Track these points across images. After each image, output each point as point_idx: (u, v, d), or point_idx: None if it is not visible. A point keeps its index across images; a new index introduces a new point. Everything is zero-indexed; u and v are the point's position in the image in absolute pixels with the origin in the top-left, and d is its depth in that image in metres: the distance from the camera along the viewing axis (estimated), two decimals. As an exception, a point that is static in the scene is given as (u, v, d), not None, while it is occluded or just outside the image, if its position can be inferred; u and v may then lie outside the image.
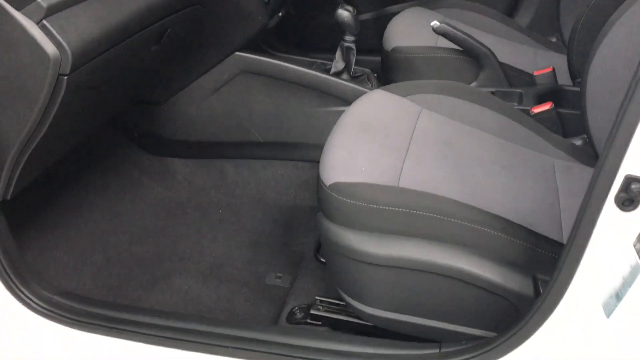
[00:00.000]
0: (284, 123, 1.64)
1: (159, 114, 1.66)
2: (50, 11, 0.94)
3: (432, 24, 1.58)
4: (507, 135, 1.34)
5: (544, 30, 2.09)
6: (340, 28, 1.65)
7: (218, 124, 1.66)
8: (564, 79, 1.66)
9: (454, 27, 1.58)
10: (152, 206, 1.66)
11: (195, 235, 1.60)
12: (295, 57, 1.86)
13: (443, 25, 1.56)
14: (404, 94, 1.39)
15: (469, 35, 1.58)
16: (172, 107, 1.64)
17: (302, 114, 1.62)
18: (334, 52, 1.72)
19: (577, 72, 1.61)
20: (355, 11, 1.60)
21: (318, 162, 1.18)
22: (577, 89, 1.60)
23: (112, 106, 1.39)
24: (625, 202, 0.76)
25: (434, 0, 2.23)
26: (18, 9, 0.92)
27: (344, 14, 1.58)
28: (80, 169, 1.62)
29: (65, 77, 0.98)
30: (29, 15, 0.92)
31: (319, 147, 1.49)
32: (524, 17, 2.20)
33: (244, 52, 1.58)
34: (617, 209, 0.76)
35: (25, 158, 1.05)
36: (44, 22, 0.93)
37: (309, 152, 1.66)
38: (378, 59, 1.90)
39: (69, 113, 1.07)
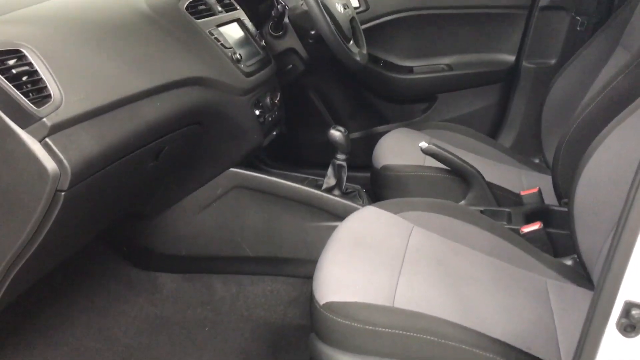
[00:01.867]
0: (275, 238, 1.64)
1: (149, 228, 1.65)
2: (54, 129, 0.96)
3: (420, 144, 1.63)
4: (498, 254, 1.35)
5: (526, 151, 2.17)
6: (330, 145, 1.71)
7: (208, 238, 1.66)
8: (549, 199, 1.70)
9: (441, 148, 1.63)
10: (137, 323, 1.60)
11: (180, 355, 1.54)
12: (287, 172, 1.90)
13: (431, 146, 1.62)
14: (395, 211, 1.41)
15: (456, 156, 1.63)
16: (163, 222, 1.64)
17: (294, 229, 1.63)
18: (324, 168, 1.77)
19: (563, 193, 1.66)
20: (347, 131, 1.66)
21: (309, 277, 1.16)
22: (564, 209, 1.64)
23: (104, 221, 1.39)
24: (627, 328, 0.75)
25: (419, 121, 2.34)
26: (23, 127, 0.94)
27: (336, 134, 1.64)
28: (65, 283, 1.59)
29: (63, 193, 0.98)
30: (32, 133, 0.95)
31: (311, 263, 1.48)
32: (507, 138, 2.29)
33: (238, 168, 1.62)
34: (620, 335, 0.75)
35: (12, 274, 1.03)
36: (47, 139, 0.95)
37: (300, 268, 1.65)
38: (367, 175, 1.94)
39: (62, 228, 1.06)
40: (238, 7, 1.72)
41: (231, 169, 1.61)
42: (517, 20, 2.21)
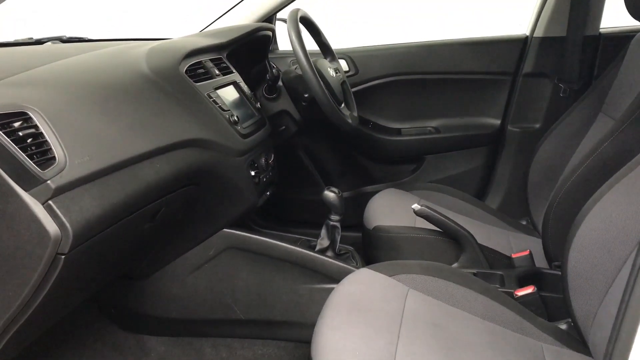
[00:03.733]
0: (267, 300, 1.62)
1: (139, 289, 1.62)
2: (58, 192, 0.96)
3: (413, 206, 1.65)
4: (494, 318, 1.35)
5: (513, 213, 2.21)
6: (321, 204, 1.72)
7: (199, 300, 1.63)
8: (539, 262, 1.72)
9: (434, 210, 1.65)
10: (123, 389, 1.55)
11: None
12: (279, 233, 1.90)
13: (424, 208, 1.64)
14: (390, 274, 1.41)
15: (448, 218, 1.65)
16: (154, 283, 1.61)
17: (287, 291, 1.61)
18: (314, 227, 1.77)
19: (554, 256, 1.68)
20: (341, 192, 1.68)
21: (302, 341, 1.15)
22: (556, 272, 1.66)
23: (100, 282, 1.36)
24: None
25: (407, 182, 2.38)
26: (26, 189, 0.93)
27: (330, 195, 1.65)
28: (51, 346, 1.54)
29: (63, 257, 0.97)
30: (36, 196, 0.94)
31: (303, 326, 1.46)
32: (494, 200, 2.33)
33: (231, 228, 1.61)
34: None
35: (7, 337, 1.00)
36: (50, 202, 0.95)
37: (292, 331, 1.62)
38: (356, 234, 1.95)
39: (59, 291, 1.04)
40: (234, 71, 1.76)
41: (224, 230, 1.60)
42: (501, 85, 2.28)
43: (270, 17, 2.22)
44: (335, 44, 2.14)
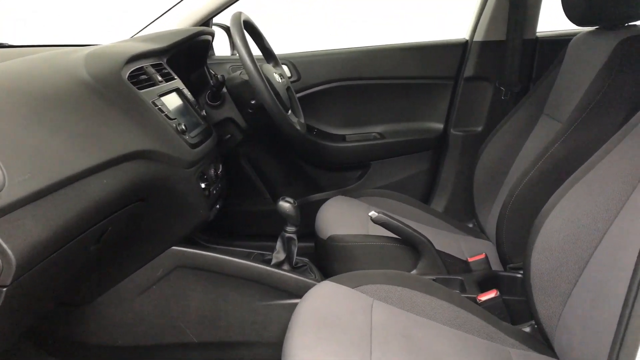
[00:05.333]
0: (222, 320, 1.52)
1: (80, 316, 1.48)
2: None
3: (370, 214, 1.61)
4: (460, 325, 1.33)
5: (458, 216, 2.22)
6: (267, 216, 1.64)
7: (148, 325, 1.51)
8: (494, 265, 1.72)
9: (391, 217, 1.62)
10: None
11: None
12: (229, 248, 1.80)
13: (381, 215, 1.60)
14: (353, 285, 1.37)
15: (406, 225, 1.62)
16: (97, 309, 1.48)
17: (243, 310, 1.52)
18: (259, 239, 1.69)
19: (508, 259, 1.68)
20: (296, 202, 1.61)
21: None
22: (513, 274, 1.67)
23: (38, 313, 1.22)
24: None
25: (354, 188, 2.34)
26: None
27: (286, 205, 1.58)
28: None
29: (5, 289, 0.84)
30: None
31: (261, 345, 1.38)
32: (439, 204, 2.34)
33: (180, 246, 1.50)
34: None
35: None
36: (-11, 227, 0.82)
37: (250, 352, 1.53)
38: (305, 244, 1.89)
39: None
40: (176, 77, 1.65)
41: (173, 248, 1.49)
42: (444, 90, 2.30)
43: (206, 22, 2.13)
44: (277, 49, 2.08)
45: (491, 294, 1.46)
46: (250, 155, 2.23)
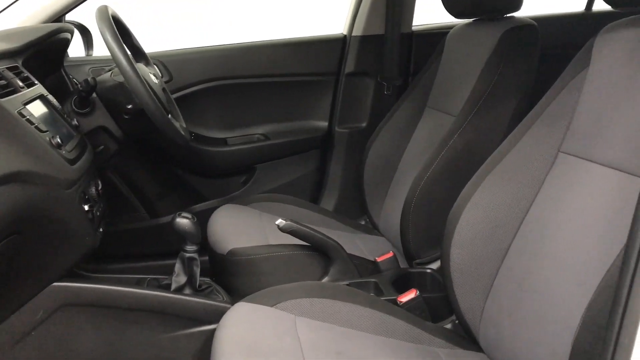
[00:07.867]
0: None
1: None
2: None
3: (277, 222, 1.50)
4: (386, 331, 1.28)
5: (349, 214, 2.18)
6: (145, 234, 1.45)
7: None
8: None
9: (299, 224, 1.52)
10: None
11: None
12: (115, 275, 1.58)
13: (289, 223, 1.49)
14: (271, 304, 1.26)
15: (316, 231, 1.53)
16: None
17: (144, 346, 1.33)
18: (146, 259, 1.50)
19: (415, 254, 1.66)
20: (195, 217, 1.44)
21: None
22: (423, 270, 1.65)
23: None
24: None
25: (240, 195, 2.20)
26: None
27: (184, 222, 1.40)
28: None
29: None
30: None
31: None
32: (329, 203, 2.28)
33: (62, 281, 1.27)
34: None
35: None
36: None
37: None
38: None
39: None
40: (36, 82, 1.40)
41: (54, 284, 1.25)
42: (326, 87, 2.24)
43: (58, 19, 1.86)
44: (145, 47, 1.87)
45: (411, 294, 1.42)
46: (118, 166, 1.98)
